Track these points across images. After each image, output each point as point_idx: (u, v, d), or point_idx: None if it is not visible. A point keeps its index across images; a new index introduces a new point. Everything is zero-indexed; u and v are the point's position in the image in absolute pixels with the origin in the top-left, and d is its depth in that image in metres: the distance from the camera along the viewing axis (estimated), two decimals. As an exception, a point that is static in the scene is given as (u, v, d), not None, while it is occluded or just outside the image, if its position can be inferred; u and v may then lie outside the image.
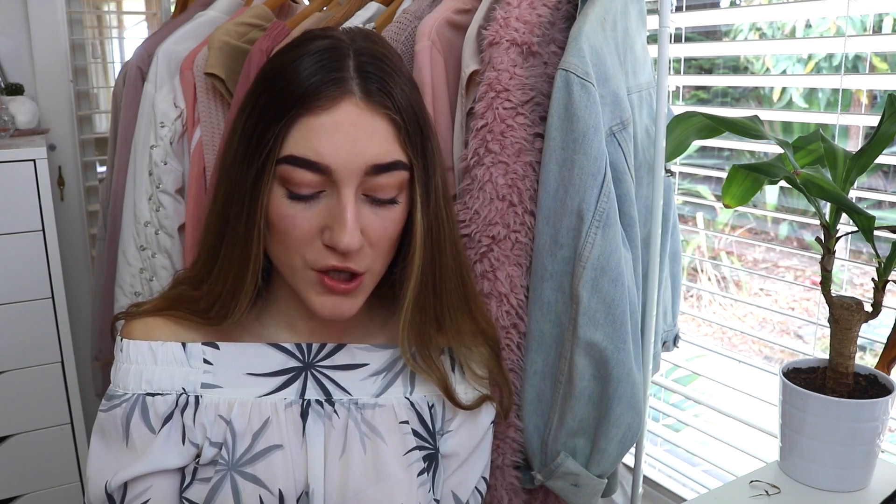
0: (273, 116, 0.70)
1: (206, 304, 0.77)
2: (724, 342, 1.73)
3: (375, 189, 0.72)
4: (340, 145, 0.69)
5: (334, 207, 0.70)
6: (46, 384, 1.91)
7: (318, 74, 0.70)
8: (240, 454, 0.77)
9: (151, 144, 1.42)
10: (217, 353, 0.80)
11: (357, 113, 0.69)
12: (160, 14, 2.22)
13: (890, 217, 1.30)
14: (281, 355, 0.81)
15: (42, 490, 1.96)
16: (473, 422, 0.88)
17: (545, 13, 0.99)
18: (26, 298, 1.85)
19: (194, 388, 0.78)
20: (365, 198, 0.72)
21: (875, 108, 1.40)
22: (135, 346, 0.78)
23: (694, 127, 1.03)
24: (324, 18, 1.37)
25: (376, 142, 0.70)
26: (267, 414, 0.78)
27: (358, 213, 0.71)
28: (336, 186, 0.70)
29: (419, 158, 0.74)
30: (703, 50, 1.50)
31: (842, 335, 0.89)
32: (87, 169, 2.35)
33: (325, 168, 0.69)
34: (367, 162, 0.70)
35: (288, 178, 0.70)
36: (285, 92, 0.70)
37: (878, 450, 0.88)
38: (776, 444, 0.95)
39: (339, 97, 0.69)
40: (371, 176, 0.71)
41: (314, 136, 0.69)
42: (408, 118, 0.72)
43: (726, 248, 1.80)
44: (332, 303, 0.74)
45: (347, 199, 0.70)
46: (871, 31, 1.32)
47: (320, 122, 0.69)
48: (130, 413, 0.76)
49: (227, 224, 0.75)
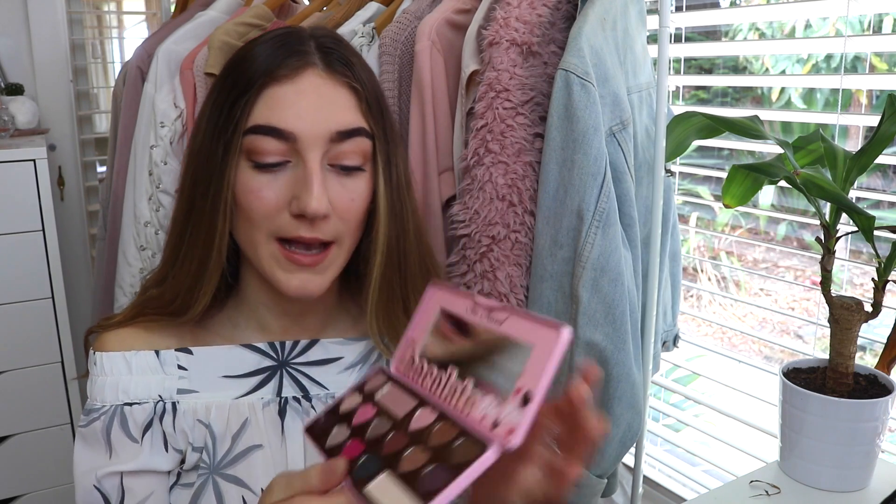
0: (239, 92, 0.72)
1: (170, 295, 0.77)
2: (724, 342, 1.73)
3: (340, 157, 0.72)
4: (304, 112, 0.70)
5: (300, 175, 0.71)
6: (46, 384, 1.91)
7: (280, 50, 0.73)
8: (220, 456, 0.77)
9: (151, 144, 1.42)
10: (191, 358, 0.79)
11: (319, 82, 0.72)
12: (160, 14, 2.22)
13: (890, 217, 1.30)
14: (255, 355, 0.81)
15: (42, 490, 1.96)
16: None
17: (545, 13, 0.99)
18: (26, 298, 1.85)
19: (170, 394, 0.77)
20: (330, 168, 0.73)
21: (874, 107, 1.40)
22: (108, 358, 0.77)
23: (694, 127, 1.04)
24: (324, 18, 1.37)
25: (339, 109, 0.72)
26: (245, 415, 0.78)
27: (325, 181, 0.71)
28: (301, 155, 0.71)
29: (380, 130, 0.76)
30: (703, 50, 1.50)
31: (842, 335, 0.89)
32: (87, 169, 2.35)
33: (290, 135, 0.70)
34: (330, 128, 0.71)
35: (253, 148, 0.71)
36: (249, 69, 0.72)
37: (878, 450, 0.88)
38: (776, 444, 0.95)
39: (302, 67, 0.72)
40: (335, 143, 0.72)
41: (278, 104, 0.71)
42: (367, 90, 0.75)
43: (726, 248, 1.80)
44: (300, 280, 0.73)
45: (313, 165, 0.70)
46: (870, 32, 1.32)
47: (284, 90, 0.71)
48: (109, 425, 0.76)
49: (192, 208, 0.75)
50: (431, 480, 0.54)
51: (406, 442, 0.58)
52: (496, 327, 0.59)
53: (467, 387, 0.59)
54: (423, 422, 0.59)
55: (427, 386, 0.62)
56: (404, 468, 0.56)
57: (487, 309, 0.60)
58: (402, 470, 0.56)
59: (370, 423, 0.61)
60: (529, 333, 0.56)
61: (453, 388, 0.60)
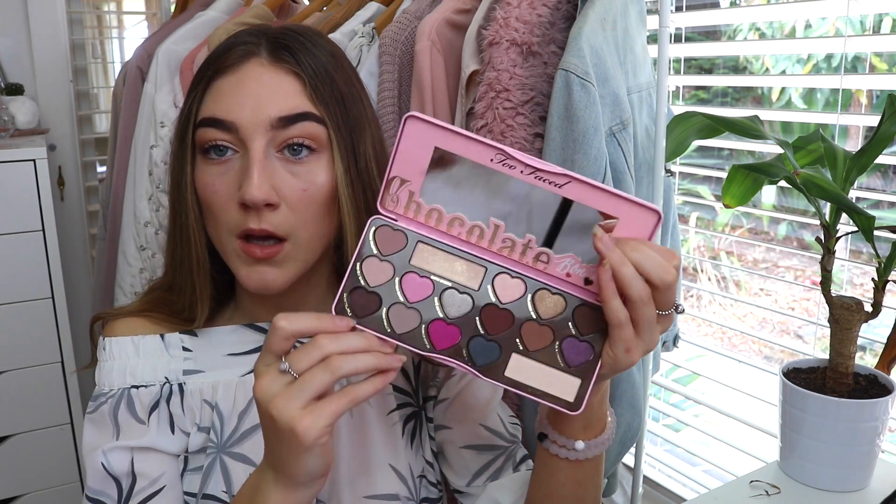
0: (191, 89, 0.74)
1: (181, 305, 0.78)
2: (724, 342, 1.73)
3: (286, 143, 0.71)
4: (245, 101, 0.70)
5: (245, 165, 0.71)
6: (46, 384, 1.91)
7: (230, 43, 0.74)
8: (227, 435, 0.77)
9: (151, 144, 1.42)
10: (195, 340, 0.80)
11: (261, 71, 0.72)
12: (160, 14, 2.22)
13: (890, 217, 1.30)
14: (257, 334, 0.81)
15: (42, 490, 1.96)
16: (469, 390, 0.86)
17: (545, 13, 0.99)
18: (26, 298, 1.85)
19: (176, 376, 0.78)
20: (279, 155, 0.72)
21: (874, 107, 1.40)
22: (117, 343, 0.78)
23: (694, 127, 1.03)
24: (324, 18, 1.37)
25: (281, 96, 0.71)
26: (251, 392, 0.78)
27: (269, 169, 0.70)
28: (244, 144, 0.71)
29: (334, 116, 0.73)
30: (703, 50, 1.50)
31: (842, 335, 0.89)
32: (87, 169, 2.35)
33: (231, 125, 0.70)
34: (271, 115, 0.70)
35: (202, 142, 0.72)
36: (202, 66, 0.74)
37: (878, 450, 0.88)
38: (776, 444, 0.95)
39: (246, 59, 0.72)
40: (279, 130, 0.71)
41: (221, 95, 0.71)
42: (315, 75, 0.73)
43: (726, 248, 1.80)
44: (258, 273, 0.72)
45: (255, 153, 0.70)
46: (870, 32, 1.32)
47: (227, 81, 0.72)
48: (116, 407, 0.77)
49: (173, 210, 0.77)
50: (574, 355, 0.56)
51: (510, 319, 0.57)
52: (550, 188, 0.55)
53: (531, 243, 0.57)
54: (512, 293, 0.58)
55: (462, 237, 0.58)
56: (534, 347, 0.56)
57: (529, 165, 0.55)
58: (532, 350, 0.56)
59: (437, 301, 0.58)
60: (611, 206, 0.54)
61: (505, 239, 0.57)
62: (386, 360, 0.58)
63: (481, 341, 0.57)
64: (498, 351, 0.57)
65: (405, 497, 0.81)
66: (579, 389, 0.57)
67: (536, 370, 0.57)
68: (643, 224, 0.55)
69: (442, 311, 0.58)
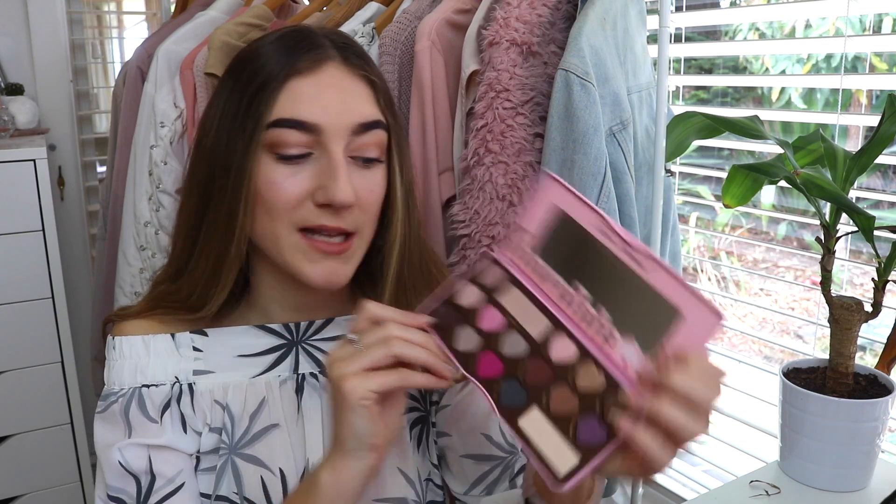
0: (258, 87, 0.72)
1: (186, 292, 0.77)
2: (724, 342, 1.73)
3: (360, 149, 0.74)
4: (329, 105, 0.72)
5: (325, 166, 0.71)
6: (46, 384, 1.91)
7: (298, 44, 0.74)
8: (238, 437, 0.77)
9: (151, 144, 1.42)
10: (206, 340, 0.80)
11: (339, 75, 0.73)
12: (160, 14, 2.22)
13: (890, 217, 1.30)
14: (269, 336, 0.81)
15: (42, 490, 1.96)
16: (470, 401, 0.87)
17: (545, 13, 0.99)
18: (26, 298, 1.85)
19: (186, 376, 0.78)
20: (351, 159, 0.73)
21: (874, 107, 1.40)
22: (128, 342, 0.78)
23: (694, 127, 1.03)
24: (324, 18, 1.37)
25: (359, 102, 0.74)
26: (262, 394, 0.79)
27: (349, 172, 0.72)
28: (325, 146, 0.72)
29: (395, 126, 0.77)
30: (703, 50, 1.50)
31: (842, 335, 0.89)
32: (87, 169, 2.35)
33: (315, 127, 0.71)
34: (353, 120, 0.72)
35: (276, 141, 0.72)
36: (266, 65, 0.73)
37: (878, 450, 0.88)
38: (776, 444, 0.95)
39: (322, 61, 0.73)
40: (356, 135, 0.73)
41: (302, 98, 0.72)
42: (382, 82, 0.77)
43: (726, 248, 1.80)
44: (328, 268, 0.73)
45: (338, 156, 0.71)
46: (870, 32, 1.32)
47: (306, 84, 0.72)
48: (128, 406, 0.76)
49: (208, 205, 0.75)
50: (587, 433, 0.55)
51: (550, 375, 0.58)
52: (639, 271, 0.56)
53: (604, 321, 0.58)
54: (565, 354, 0.59)
55: (551, 295, 0.61)
56: (556, 409, 0.56)
57: (623, 241, 0.57)
58: (553, 411, 0.57)
59: (501, 336, 0.62)
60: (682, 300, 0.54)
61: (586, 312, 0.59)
62: (439, 364, 0.63)
63: (515, 385, 0.59)
64: (525, 399, 0.58)
65: (413, 500, 0.81)
66: (573, 467, 0.54)
67: (547, 431, 0.56)
68: (705, 326, 0.53)
69: (499, 346, 0.62)
